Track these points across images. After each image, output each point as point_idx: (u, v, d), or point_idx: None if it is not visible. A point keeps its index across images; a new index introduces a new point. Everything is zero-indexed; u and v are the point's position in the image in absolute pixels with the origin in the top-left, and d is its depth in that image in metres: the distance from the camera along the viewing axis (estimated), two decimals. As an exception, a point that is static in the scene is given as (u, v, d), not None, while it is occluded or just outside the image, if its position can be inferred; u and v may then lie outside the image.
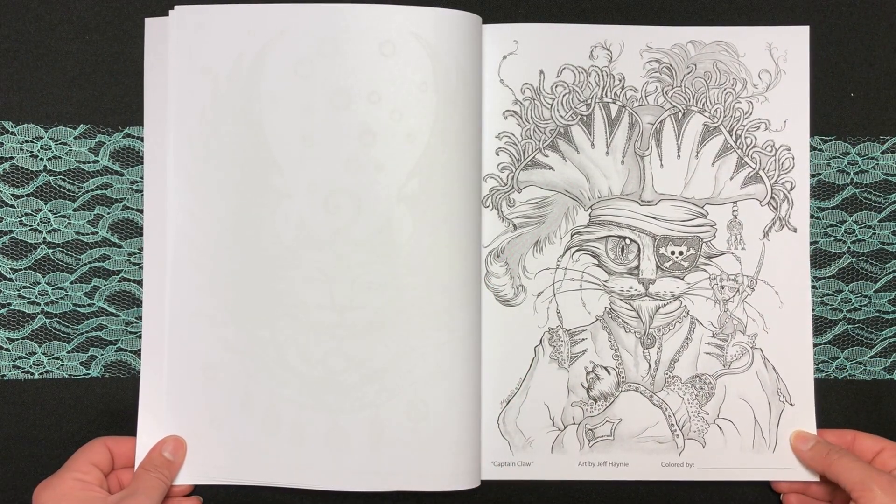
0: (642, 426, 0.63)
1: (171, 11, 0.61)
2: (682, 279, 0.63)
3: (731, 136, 0.63)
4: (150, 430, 0.61)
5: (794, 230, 0.63)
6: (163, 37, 0.61)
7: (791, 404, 0.63)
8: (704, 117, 0.63)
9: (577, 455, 0.63)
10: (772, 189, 0.63)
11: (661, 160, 0.63)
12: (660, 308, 0.63)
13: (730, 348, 0.63)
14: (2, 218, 0.63)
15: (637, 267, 0.63)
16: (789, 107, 0.63)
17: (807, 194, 0.63)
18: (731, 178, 0.63)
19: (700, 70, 0.63)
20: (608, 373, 0.63)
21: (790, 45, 0.63)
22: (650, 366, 0.63)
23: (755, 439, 0.63)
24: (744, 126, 0.63)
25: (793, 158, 0.63)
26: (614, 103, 0.63)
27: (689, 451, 0.63)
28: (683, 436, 0.63)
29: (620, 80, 0.63)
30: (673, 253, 0.63)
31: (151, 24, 0.62)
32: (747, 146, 0.63)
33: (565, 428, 0.63)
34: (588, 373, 0.63)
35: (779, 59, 0.63)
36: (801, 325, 0.63)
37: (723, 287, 0.63)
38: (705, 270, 0.63)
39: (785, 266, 0.63)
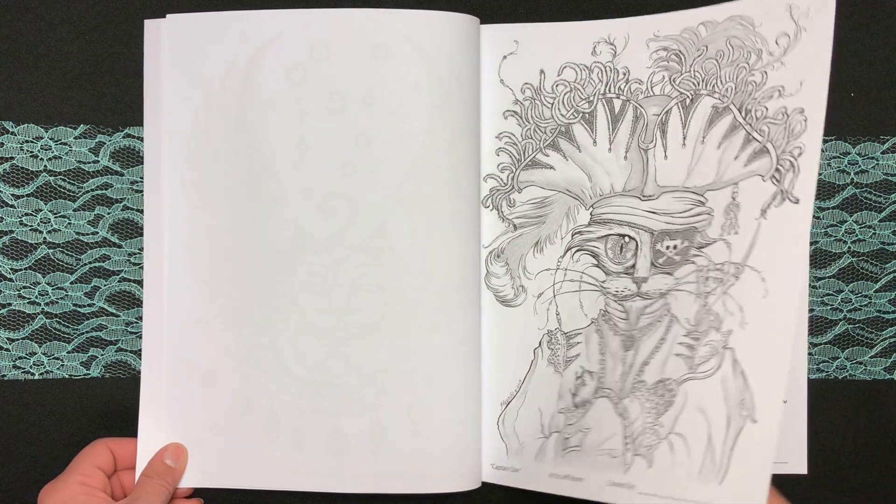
0: (604, 436, 0.60)
1: (161, 20, 0.60)
2: (671, 274, 0.60)
3: (740, 112, 0.59)
4: (150, 433, 0.61)
5: (797, 201, 0.57)
6: (161, 39, 0.61)
7: (754, 421, 0.55)
8: (714, 99, 0.59)
9: (550, 465, 0.60)
10: (777, 159, 0.58)
11: (665, 151, 0.60)
12: (646, 308, 0.60)
13: (700, 348, 0.58)
14: (2, 218, 0.63)
15: (633, 266, 0.61)
16: (807, 66, 0.57)
17: (816, 158, 0.57)
18: (736, 158, 0.59)
19: (712, 50, 0.59)
20: (592, 378, 0.61)
21: (814, 2, 0.57)
22: (626, 369, 0.60)
23: (704, 464, 0.56)
24: (755, 99, 0.59)
25: (805, 121, 0.57)
26: (618, 98, 0.61)
27: (635, 471, 0.58)
28: (633, 450, 0.59)
29: (625, 74, 0.61)
30: (668, 248, 0.60)
31: (150, 25, 0.61)
32: (756, 119, 0.58)
33: (550, 435, 0.61)
34: (577, 377, 0.61)
35: (799, 17, 0.57)
36: (784, 316, 0.55)
37: (707, 278, 0.59)
38: (694, 262, 0.59)
39: (779, 246, 0.57)
